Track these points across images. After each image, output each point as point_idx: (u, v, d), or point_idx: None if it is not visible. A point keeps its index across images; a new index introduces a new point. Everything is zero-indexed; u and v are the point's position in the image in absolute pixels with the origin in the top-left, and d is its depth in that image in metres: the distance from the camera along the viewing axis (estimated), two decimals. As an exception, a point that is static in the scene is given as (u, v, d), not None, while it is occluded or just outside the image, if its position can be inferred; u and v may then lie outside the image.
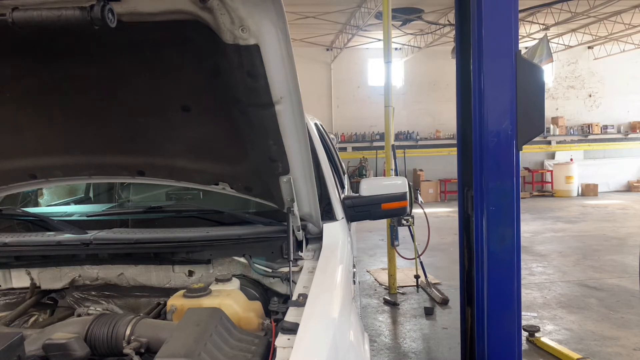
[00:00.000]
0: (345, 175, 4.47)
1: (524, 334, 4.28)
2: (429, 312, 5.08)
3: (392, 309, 5.32)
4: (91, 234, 1.98)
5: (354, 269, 2.30)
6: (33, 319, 1.92)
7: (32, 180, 2.07)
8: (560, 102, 15.79)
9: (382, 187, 2.47)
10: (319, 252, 1.92)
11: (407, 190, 2.49)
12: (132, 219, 2.21)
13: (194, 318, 1.42)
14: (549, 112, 15.28)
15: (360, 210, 2.43)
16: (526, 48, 11.09)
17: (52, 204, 2.99)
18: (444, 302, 5.33)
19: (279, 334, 1.37)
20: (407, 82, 15.36)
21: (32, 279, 2.05)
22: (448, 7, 10.96)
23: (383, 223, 6.99)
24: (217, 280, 1.82)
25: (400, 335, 4.62)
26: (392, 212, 2.50)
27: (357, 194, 2.47)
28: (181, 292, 1.73)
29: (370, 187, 2.46)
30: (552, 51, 10.44)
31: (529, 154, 15.37)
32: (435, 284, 5.85)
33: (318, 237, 2.06)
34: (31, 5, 1.12)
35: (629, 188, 15.22)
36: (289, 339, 1.33)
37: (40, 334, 1.49)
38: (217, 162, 1.91)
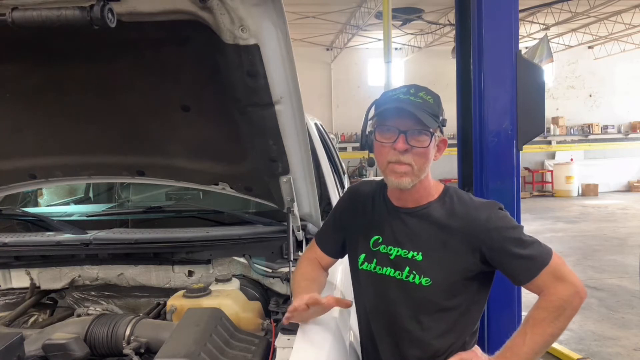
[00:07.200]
0: (345, 175, 4.46)
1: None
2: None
3: (392, 309, 5.31)
4: (91, 234, 1.98)
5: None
6: (33, 319, 1.92)
7: (32, 180, 2.07)
8: (561, 102, 15.76)
9: (382, 187, 2.46)
10: (319, 252, 1.92)
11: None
12: (132, 219, 2.21)
13: (194, 318, 1.42)
14: (549, 112, 15.24)
15: (361, 210, 2.42)
16: (526, 48, 11.07)
17: (52, 204, 2.99)
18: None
19: (279, 334, 1.38)
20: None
21: (31, 279, 2.05)
22: (448, 7, 10.95)
23: (383, 223, 6.96)
24: (217, 281, 1.82)
25: (400, 335, 4.61)
26: (392, 212, 2.49)
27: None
28: (181, 292, 1.73)
29: (370, 187, 2.45)
30: (552, 51, 10.42)
31: (529, 154, 15.34)
32: (435, 284, 5.84)
33: (318, 237, 2.05)
34: (31, 5, 1.12)
35: (630, 188, 15.18)
36: (289, 339, 1.33)
37: (40, 334, 1.49)
38: (217, 162, 1.91)
